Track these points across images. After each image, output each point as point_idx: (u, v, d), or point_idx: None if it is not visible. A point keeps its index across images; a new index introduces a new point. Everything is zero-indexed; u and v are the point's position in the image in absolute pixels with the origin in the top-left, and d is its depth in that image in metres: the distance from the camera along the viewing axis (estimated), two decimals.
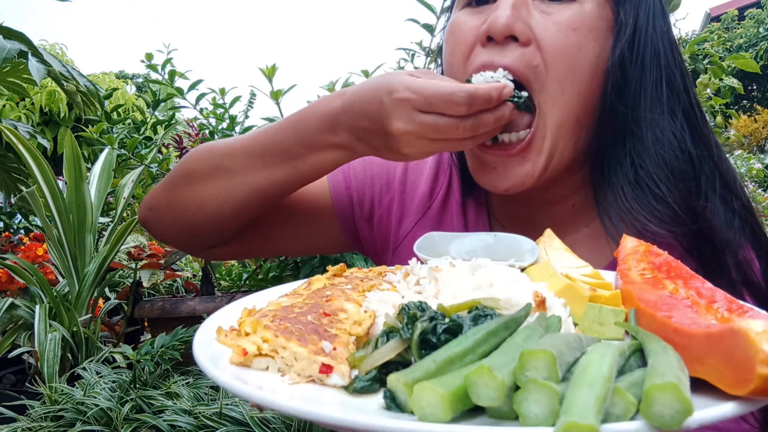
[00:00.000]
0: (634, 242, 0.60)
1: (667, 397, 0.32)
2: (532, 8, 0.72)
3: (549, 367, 0.34)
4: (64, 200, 2.59)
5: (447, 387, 0.34)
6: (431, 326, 0.43)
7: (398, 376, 0.37)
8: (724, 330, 0.36)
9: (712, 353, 0.37)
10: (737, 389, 0.35)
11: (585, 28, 0.71)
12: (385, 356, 0.43)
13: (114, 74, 6.98)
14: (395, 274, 0.64)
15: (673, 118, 0.75)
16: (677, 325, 0.41)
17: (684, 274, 0.52)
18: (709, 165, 0.75)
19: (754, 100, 14.64)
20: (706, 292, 0.48)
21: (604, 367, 0.35)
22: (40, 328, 2.18)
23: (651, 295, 0.48)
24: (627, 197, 0.73)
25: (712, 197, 0.73)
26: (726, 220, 0.72)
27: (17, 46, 1.88)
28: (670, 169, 0.73)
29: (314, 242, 0.98)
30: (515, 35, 0.70)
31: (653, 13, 0.75)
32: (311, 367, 0.44)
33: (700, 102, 0.80)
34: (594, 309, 0.51)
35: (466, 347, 0.40)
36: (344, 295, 0.56)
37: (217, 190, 0.80)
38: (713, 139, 0.77)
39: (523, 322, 0.45)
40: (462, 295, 0.52)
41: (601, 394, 0.32)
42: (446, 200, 0.90)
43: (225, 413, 1.64)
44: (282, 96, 2.03)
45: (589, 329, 0.50)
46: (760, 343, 0.33)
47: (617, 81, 0.73)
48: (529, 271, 0.62)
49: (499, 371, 0.34)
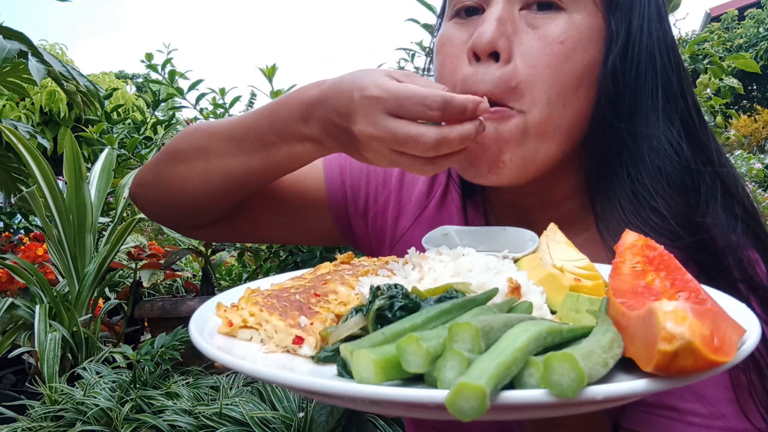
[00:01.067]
0: (634, 237, 0.61)
1: (564, 367, 0.34)
2: (518, 21, 0.70)
3: (473, 339, 0.37)
4: (64, 200, 2.59)
5: (381, 354, 0.37)
6: (389, 303, 0.46)
7: (347, 345, 0.41)
8: (646, 311, 0.38)
9: (638, 333, 0.39)
10: (647, 365, 0.37)
11: (573, 41, 0.69)
12: (349, 330, 0.47)
13: (114, 74, 6.98)
14: (398, 262, 0.65)
15: (669, 126, 0.73)
16: (625, 309, 0.43)
17: (671, 267, 0.53)
18: (708, 171, 0.73)
19: (754, 100, 14.64)
20: (680, 282, 0.49)
21: (520, 339, 0.37)
22: (40, 328, 2.19)
23: (626, 285, 0.50)
24: (624, 210, 0.71)
25: (713, 205, 0.72)
26: (728, 226, 0.71)
27: (17, 46, 1.88)
28: (667, 181, 0.71)
29: (305, 233, 0.98)
30: (497, 52, 0.69)
31: (648, 19, 0.73)
32: (287, 338, 0.48)
33: (699, 105, 0.78)
34: (572, 297, 0.52)
35: (416, 323, 0.43)
36: (341, 279, 0.60)
37: (196, 172, 0.80)
38: (713, 144, 0.76)
39: (483, 304, 0.47)
40: (442, 280, 0.55)
41: (504, 362, 0.34)
42: (444, 200, 0.89)
43: (225, 413, 1.64)
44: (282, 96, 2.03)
45: (566, 316, 0.52)
46: (664, 321, 0.35)
47: (610, 93, 0.71)
48: (519, 262, 0.63)
49: (427, 341, 0.37)
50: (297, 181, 0.90)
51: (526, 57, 0.69)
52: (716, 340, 0.36)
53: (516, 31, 0.69)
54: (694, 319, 0.35)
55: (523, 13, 0.70)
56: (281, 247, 2.18)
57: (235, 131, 0.77)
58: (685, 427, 0.62)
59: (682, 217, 0.70)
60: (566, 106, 0.70)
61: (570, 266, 0.59)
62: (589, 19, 0.70)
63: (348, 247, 1.96)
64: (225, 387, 1.83)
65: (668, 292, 0.47)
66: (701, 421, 0.62)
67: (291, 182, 0.89)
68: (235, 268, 2.98)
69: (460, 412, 0.32)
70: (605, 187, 0.75)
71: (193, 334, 0.47)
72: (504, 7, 0.69)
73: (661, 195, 0.70)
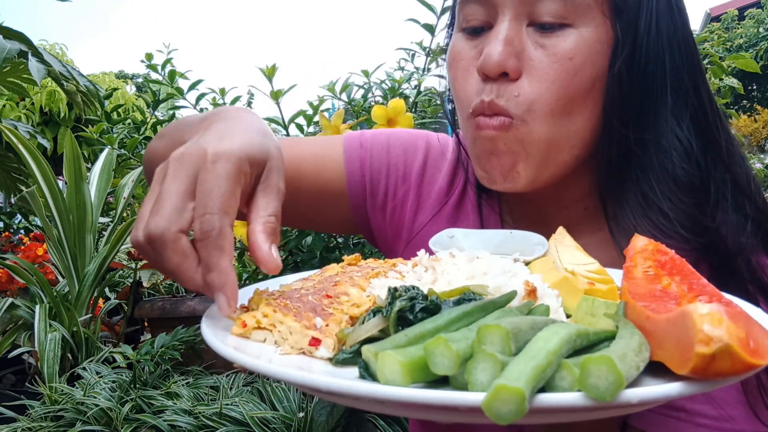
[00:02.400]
0: (644, 241, 0.60)
1: (602, 369, 0.33)
2: (525, 37, 0.69)
3: (503, 341, 0.36)
4: (64, 200, 2.59)
5: (408, 356, 0.37)
6: (409, 305, 0.46)
7: (369, 347, 0.40)
8: (677, 314, 0.38)
9: (669, 336, 0.39)
10: (681, 369, 0.37)
11: (582, 56, 0.68)
12: (367, 332, 0.46)
13: (114, 74, 6.98)
14: (406, 264, 0.65)
15: (679, 125, 0.72)
16: (649, 312, 0.42)
17: (685, 271, 0.52)
18: (719, 170, 0.72)
19: (754, 100, 14.64)
20: (697, 287, 0.49)
21: (552, 341, 0.36)
22: (40, 328, 2.18)
23: (642, 289, 0.49)
24: (634, 213, 0.71)
25: (723, 205, 0.71)
26: (738, 226, 0.70)
27: (17, 46, 1.88)
28: (675, 183, 0.71)
29: (322, 221, 0.98)
30: (506, 72, 0.69)
31: (656, 15, 0.71)
32: (303, 340, 0.47)
33: (712, 97, 0.76)
34: (587, 301, 0.51)
35: (438, 325, 0.42)
36: (351, 281, 0.59)
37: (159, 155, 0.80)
38: (725, 140, 0.74)
39: (503, 307, 0.47)
40: (456, 282, 0.54)
41: (540, 365, 0.34)
42: (462, 197, 0.89)
43: (225, 413, 1.64)
44: (282, 96, 2.03)
45: (582, 320, 0.51)
46: (701, 323, 0.35)
47: (616, 99, 0.71)
48: (531, 265, 0.63)
49: (456, 343, 0.36)
50: (317, 172, 0.89)
51: (534, 72, 0.68)
52: (752, 343, 0.35)
53: (524, 48, 0.69)
54: (730, 322, 0.35)
55: (530, 30, 0.70)
56: (281, 247, 2.18)
57: (177, 128, 0.77)
58: (694, 428, 0.62)
59: (691, 219, 0.69)
60: (572, 115, 0.70)
61: (581, 270, 0.59)
62: (597, 31, 0.69)
63: (354, 249, 1.96)
64: (225, 387, 1.83)
65: (687, 296, 0.47)
66: (710, 423, 0.62)
67: (311, 172, 0.89)
68: (236, 268, 2.98)
69: (497, 415, 0.31)
70: (615, 189, 0.75)
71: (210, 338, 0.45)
72: (511, 26, 0.69)
73: (669, 197, 0.70)
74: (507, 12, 0.69)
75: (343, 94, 2.07)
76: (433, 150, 0.93)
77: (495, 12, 0.70)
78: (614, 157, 0.74)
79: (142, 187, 3.01)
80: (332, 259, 1.91)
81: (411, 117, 1.53)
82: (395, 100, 1.49)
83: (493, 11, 0.70)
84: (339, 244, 2.00)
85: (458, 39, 0.76)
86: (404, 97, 1.99)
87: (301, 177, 0.90)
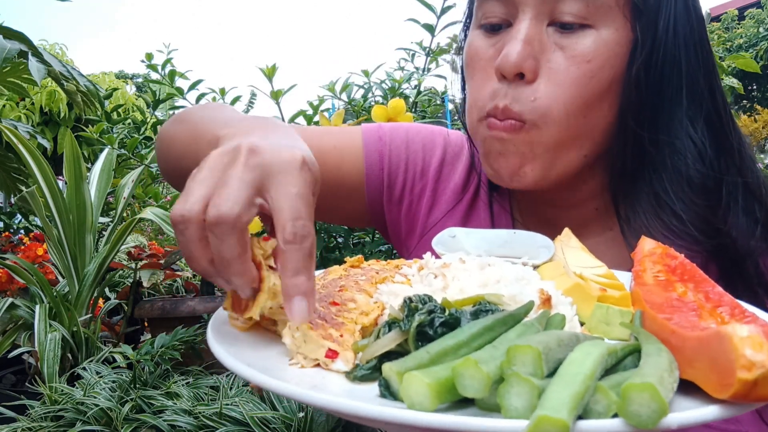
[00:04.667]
0: (652, 244, 0.60)
1: (644, 397, 0.32)
2: (545, 38, 0.68)
3: (534, 362, 0.35)
4: (64, 200, 2.59)
5: (434, 377, 0.35)
6: (429, 319, 0.44)
7: (392, 366, 0.39)
8: (712, 334, 0.36)
9: (701, 356, 0.37)
10: (720, 393, 0.35)
11: (601, 58, 0.68)
12: (385, 347, 0.45)
13: (114, 74, 6.98)
14: (410, 267, 0.64)
15: (693, 127, 0.72)
16: (674, 327, 0.41)
17: (697, 277, 0.52)
18: (731, 172, 0.72)
19: (754, 100, 14.63)
20: (714, 296, 0.48)
21: (587, 364, 0.35)
22: (40, 328, 2.18)
23: (658, 297, 0.48)
24: (646, 213, 0.71)
25: (735, 208, 0.71)
26: (748, 229, 0.70)
27: (17, 46, 1.88)
28: (688, 184, 0.70)
29: (337, 214, 0.98)
30: (523, 72, 0.68)
31: (675, 17, 0.70)
32: (318, 350, 0.45)
33: (726, 100, 0.76)
34: (601, 309, 0.51)
35: (461, 340, 0.41)
36: (356, 286, 0.57)
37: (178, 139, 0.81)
38: (737, 143, 0.74)
39: (523, 319, 0.46)
40: (468, 290, 0.53)
41: (579, 391, 0.33)
42: (476, 196, 0.90)
43: (225, 413, 1.64)
44: (282, 96, 2.03)
45: (596, 329, 0.51)
46: (742, 347, 0.34)
47: (632, 101, 0.70)
48: (540, 270, 0.62)
49: (486, 364, 0.35)
50: (337, 165, 0.89)
51: (552, 75, 0.68)
52: None
53: (543, 49, 0.69)
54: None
55: (551, 30, 0.69)
56: None
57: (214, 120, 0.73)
58: (701, 430, 0.62)
59: (703, 221, 0.69)
60: (587, 117, 0.70)
61: (589, 274, 0.58)
62: (617, 33, 0.68)
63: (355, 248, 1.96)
64: (225, 387, 1.83)
65: (705, 306, 0.46)
66: (717, 425, 0.63)
67: (332, 165, 0.88)
68: None
69: None
70: (627, 189, 0.75)
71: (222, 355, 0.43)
72: (531, 24, 0.68)
73: (681, 198, 0.70)
74: (528, 10, 0.68)
75: (343, 94, 2.07)
76: (451, 148, 0.93)
77: (515, 10, 0.70)
78: (628, 157, 0.73)
79: (142, 187, 3.01)
80: (332, 259, 1.91)
81: (411, 117, 1.53)
82: (395, 100, 1.49)
83: (513, 9, 0.70)
84: (339, 244, 1.99)
85: (476, 36, 0.75)
86: (404, 97, 1.99)
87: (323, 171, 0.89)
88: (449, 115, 2.64)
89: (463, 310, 0.47)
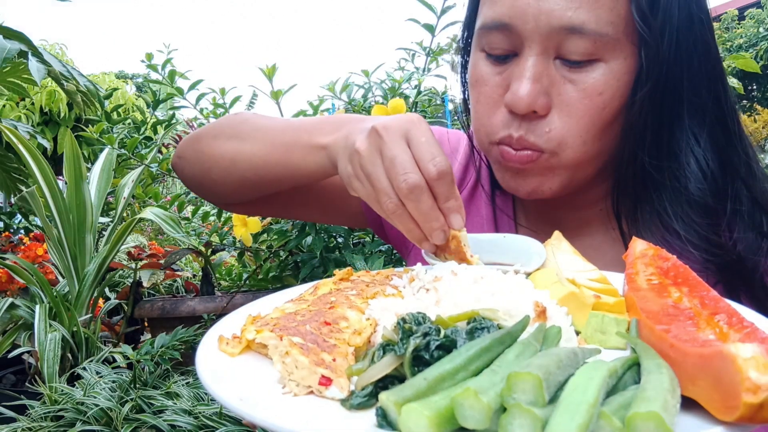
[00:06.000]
0: (644, 245, 0.59)
1: (650, 426, 0.31)
2: (554, 73, 0.68)
3: (535, 390, 0.34)
4: (64, 200, 2.59)
5: (434, 409, 0.34)
6: (424, 342, 0.43)
7: (389, 395, 0.37)
8: (715, 353, 0.36)
9: (703, 375, 0.37)
10: (725, 415, 0.35)
11: (611, 90, 0.67)
12: (380, 372, 0.44)
13: (114, 74, 6.98)
14: (401, 278, 0.63)
15: (696, 140, 0.71)
16: (673, 340, 0.40)
17: (691, 280, 0.51)
18: (737, 185, 0.71)
19: (754, 100, 14.62)
20: (710, 302, 0.47)
21: (589, 392, 0.34)
22: (40, 328, 2.18)
23: (654, 304, 0.48)
24: (647, 231, 0.71)
25: (740, 222, 0.70)
26: (754, 245, 0.69)
27: (17, 46, 1.88)
28: (688, 204, 0.70)
29: (336, 216, 1.01)
30: (535, 110, 0.68)
31: (677, 34, 0.68)
32: (311, 377, 0.44)
33: (733, 106, 0.74)
34: (597, 317, 0.50)
35: (458, 365, 0.40)
36: (347, 302, 0.56)
37: (228, 152, 0.84)
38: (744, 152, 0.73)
39: (519, 336, 0.45)
40: (462, 304, 0.52)
41: (584, 422, 0.32)
42: (474, 192, 0.90)
43: (225, 413, 1.64)
44: (282, 96, 2.03)
45: (592, 338, 0.50)
46: (746, 370, 0.33)
47: (634, 124, 0.70)
48: (533, 277, 0.61)
49: (486, 394, 0.34)
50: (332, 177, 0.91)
51: (565, 107, 0.68)
52: None
53: (553, 82, 0.68)
54: None
55: (558, 63, 0.68)
56: (281, 247, 2.17)
57: (275, 129, 0.79)
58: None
59: (704, 240, 0.68)
60: (602, 140, 0.71)
61: (582, 279, 0.57)
62: (625, 63, 0.68)
63: (355, 248, 1.96)
64: None
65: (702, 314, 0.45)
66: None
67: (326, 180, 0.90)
68: (235, 268, 2.97)
69: None
70: (629, 205, 0.75)
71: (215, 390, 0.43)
72: (538, 61, 0.67)
73: (681, 218, 0.69)
74: (534, 46, 0.67)
75: (343, 94, 2.07)
76: (446, 147, 0.94)
77: (521, 43, 0.68)
78: (630, 176, 0.74)
79: (142, 187, 3.01)
80: (332, 259, 1.91)
81: None
82: (395, 99, 1.49)
83: (518, 41, 0.68)
84: (339, 244, 1.99)
85: (481, 61, 0.73)
86: (404, 97, 1.99)
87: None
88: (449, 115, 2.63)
89: (458, 328, 0.46)
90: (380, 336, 0.50)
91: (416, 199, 0.59)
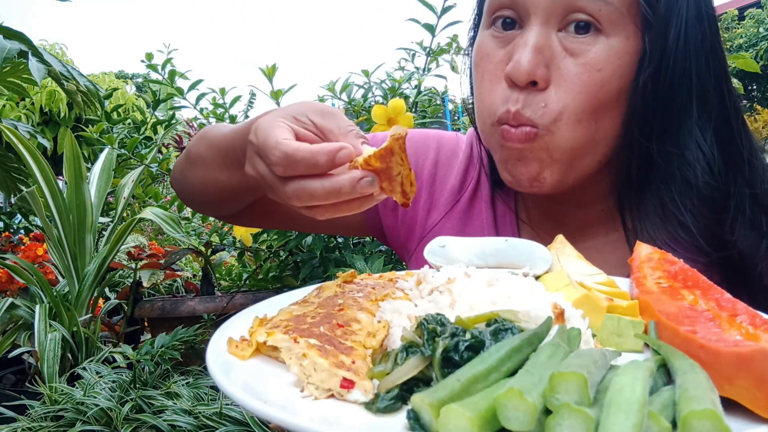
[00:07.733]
0: (649, 249, 0.59)
1: (706, 425, 0.31)
2: (555, 44, 0.69)
3: (580, 390, 0.33)
4: (64, 200, 2.59)
5: (475, 410, 0.34)
6: (453, 343, 0.42)
7: (423, 397, 0.36)
8: (756, 351, 0.35)
9: (742, 374, 0.36)
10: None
11: (611, 68, 0.68)
12: (407, 374, 0.42)
13: (114, 74, 6.98)
14: (407, 280, 0.63)
15: (703, 135, 0.71)
16: (703, 341, 0.40)
17: (701, 283, 0.50)
18: (740, 184, 0.71)
19: (754, 100, 14.62)
20: (726, 303, 0.46)
21: (638, 391, 0.34)
22: (40, 328, 2.18)
23: (670, 306, 0.47)
24: (653, 225, 0.70)
25: (742, 220, 0.70)
26: (754, 244, 0.70)
27: (17, 46, 1.88)
28: (697, 196, 0.70)
29: (334, 225, 1.00)
30: (535, 80, 0.68)
31: (686, 26, 0.69)
32: (331, 380, 0.43)
33: (738, 105, 0.75)
34: (612, 320, 0.50)
35: (491, 365, 0.39)
36: (357, 304, 0.55)
37: (197, 178, 0.85)
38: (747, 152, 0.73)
39: (546, 337, 0.45)
40: (479, 306, 0.51)
41: (638, 421, 0.31)
42: (475, 194, 0.90)
43: (225, 413, 1.64)
44: (282, 96, 2.03)
45: (608, 341, 0.50)
46: None
47: (639, 111, 0.70)
48: (543, 280, 0.60)
49: (530, 394, 0.33)
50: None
51: (563, 82, 0.68)
52: None
53: (554, 55, 0.69)
54: None
55: (561, 36, 0.69)
56: (281, 247, 2.17)
57: (223, 145, 0.78)
58: None
59: (710, 234, 0.69)
60: (598, 123, 0.70)
61: (590, 282, 0.57)
62: (627, 42, 0.68)
63: (355, 249, 1.96)
64: None
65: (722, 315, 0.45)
66: None
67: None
68: (235, 268, 2.97)
69: None
70: (634, 199, 0.75)
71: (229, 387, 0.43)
72: (541, 32, 0.68)
73: (689, 210, 0.70)
74: (538, 15, 0.68)
75: (343, 94, 2.07)
76: (445, 149, 0.94)
77: (526, 13, 0.70)
78: (634, 167, 0.73)
79: (142, 187, 3.01)
80: (332, 259, 1.91)
81: (411, 117, 1.53)
82: (395, 99, 1.49)
83: (523, 12, 0.70)
84: (339, 244, 1.99)
85: (486, 38, 0.75)
86: (404, 97, 1.99)
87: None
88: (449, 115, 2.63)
89: (482, 329, 0.45)
90: (395, 337, 0.49)
91: (299, 194, 0.54)
